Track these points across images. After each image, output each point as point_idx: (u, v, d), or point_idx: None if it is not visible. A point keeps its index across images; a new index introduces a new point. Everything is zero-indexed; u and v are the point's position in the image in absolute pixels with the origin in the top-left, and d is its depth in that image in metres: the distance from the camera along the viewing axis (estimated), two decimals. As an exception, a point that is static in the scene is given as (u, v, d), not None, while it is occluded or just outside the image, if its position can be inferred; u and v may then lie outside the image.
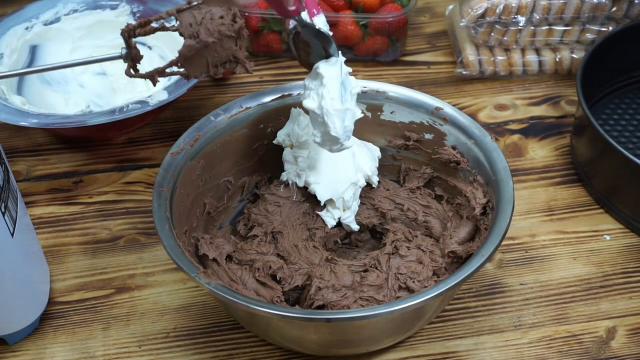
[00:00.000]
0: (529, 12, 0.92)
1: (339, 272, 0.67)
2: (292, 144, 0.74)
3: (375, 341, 0.65)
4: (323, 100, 0.66)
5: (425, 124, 0.73)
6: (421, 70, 1.00)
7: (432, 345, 0.69)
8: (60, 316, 0.72)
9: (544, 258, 0.76)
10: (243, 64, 0.64)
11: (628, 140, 0.87)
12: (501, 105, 0.94)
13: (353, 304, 0.65)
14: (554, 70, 0.97)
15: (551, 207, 0.81)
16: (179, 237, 0.63)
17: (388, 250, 0.69)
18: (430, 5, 1.10)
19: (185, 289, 0.74)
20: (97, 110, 0.83)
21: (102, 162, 0.87)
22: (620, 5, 0.92)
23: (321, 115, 0.66)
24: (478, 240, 0.67)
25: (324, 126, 0.66)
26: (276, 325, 0.62)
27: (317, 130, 0.68)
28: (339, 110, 0.65)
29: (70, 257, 0.77)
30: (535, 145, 0.89)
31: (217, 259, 0.68)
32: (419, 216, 0.73)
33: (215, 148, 0.72)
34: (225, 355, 0.69)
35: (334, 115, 0.65)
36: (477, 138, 0.69)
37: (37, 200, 0.83)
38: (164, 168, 0.67)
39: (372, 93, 0.74)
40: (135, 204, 0.82)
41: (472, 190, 0.70)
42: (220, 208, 0.74)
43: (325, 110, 0.65)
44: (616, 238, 0.78)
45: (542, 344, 0.69)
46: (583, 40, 0.95)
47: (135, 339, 0.70)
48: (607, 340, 0.69)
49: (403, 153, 0.76)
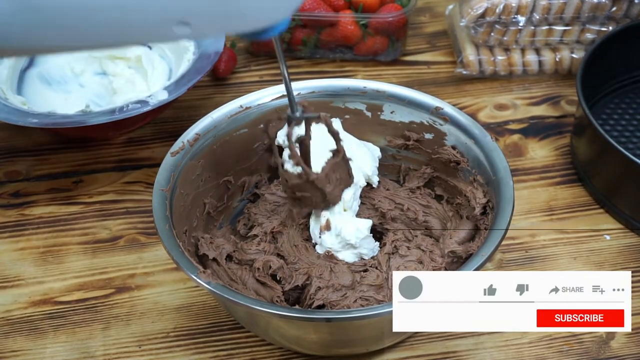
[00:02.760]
0: (529, 12, 0.92)
1: (339, 271, 0.67)
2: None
3: (375, 341, 0.65)
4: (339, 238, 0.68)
5: (425, 123, 0.73)
6: (421, 70, 1.00)
7: (432, 345, 0.69)
8: (60, 316, 0.72)
9: (544, 258, 0.76)
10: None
11: (628, 140, 0.87)
12: (501, 105, 0.94)
13: (353, 303, 0.65)
14: (554, 70, 0.97)
15: (551, 207, 0.81)
16: (178, 237, 0.63)
17: (388, 250, 0.69)
18: (430, 5, 1.10)
19: (185, 289, 0.74)
20: (97, 110, 0.83)
21: (102, 162, 0.87)
22: (620, 5, 0.92)
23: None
24: (478, 240, 0.67)
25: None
26: (276, 325, 0.62)
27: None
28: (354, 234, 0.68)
29: (70, 256, 0.77)
30: (535, 145, 0.89)
31: (217, 259, 0.68)
32: (419, 216, 0.73)
33: (215, 148, 0.72)
34: (225, 355, 0.69)
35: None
36: (477, 138, 0.69)
37: (37, 200, 0.83)
38: (163, 168, 0.67)
39: (372, 93, 0.74)
40: (135, 204, 0.82)
41: (472, 190, 0.70)
42: (220, 208, 0.74)
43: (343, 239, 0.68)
44: (616, 238, 0.78)
45: (542, 344, 0.69)
46: (583, 40, 0.95)
47: (135, 339, 0.70)
48: (607, 340, 0.69)
49: (403, 153, 0.76)
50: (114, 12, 0.45)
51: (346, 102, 0.75)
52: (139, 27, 0.46)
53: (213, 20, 0.47)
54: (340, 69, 1.00)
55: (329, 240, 0.68)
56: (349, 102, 0.75)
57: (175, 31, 0.46)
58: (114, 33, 0.47)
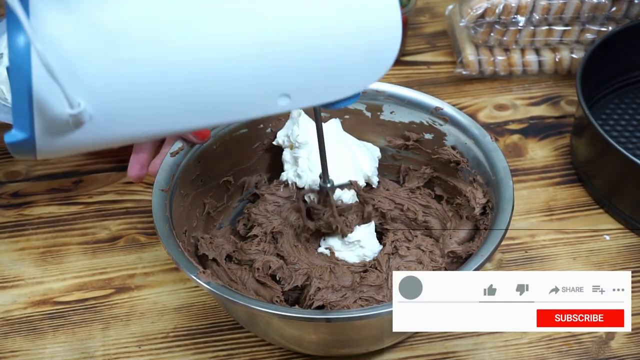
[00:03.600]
0: (529, 12, 0.92)
1: (339, 272, 0.67)
2: (292, 145, 0.73)
3: (375, 341, 0.65)
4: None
5: (425, 123, 0.73)
6: (421, 70, 1.00)
7: (431, 345, 0.69)
8: (60, 316, 0.72)
9: (543, 258, 0.76)
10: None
11: (628, 141, 0.87)
12: (501, 105, 0.94)
13: (353, 304, 0.65)
14: (553, 70, 0.97)
15: (551, 207, 0.81)
16: (178, 237, 0.63)
17: (388, 250, 0.69)
18: (430, 5, 1.10)
19: (185, 289, 0.74)
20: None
21: (102, 162, 0.87)
22: (620, 6, 0.92)
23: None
24: (478, 240, 0.67)
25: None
26: (276, 325, 0.62)
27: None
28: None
29: (70, 257, 0.77)
30: (535, 145, 0.89)
31: (216, 259, 0.68)
32: (419, 216, 0.73)
33: (215, 148, 0.72)
34: (225, 355, 0.69)
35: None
36: (477, 138, 0.69)
37: (37, 200, 0.83)
38: (163, 168, 0.67)
39: (372, 93, 0.74)
40: (135, 204, 0.82)
41: (472, 190, 0.70)
42: (220, 208, 0.74)
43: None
44: (616, 238, 0.78)
45: (542, 344, 0.69)
46: (583, 40, 0.95)
47: (135, 339, 0.70)
48: (607, 340, 0.69)
49: (403, 153, 0.76)
50: (228, 86, 0.46)
51: (346, 102, 0.75)
52: (246, 101, 0.48)
53: (311, 91, 0.49)
54: (340, 69, 1.00)
55: (332, 239, 0.69)
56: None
57: (277, 103, 0.48)
58: (221, 109, 0.48)
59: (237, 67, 0.46)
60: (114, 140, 0.48)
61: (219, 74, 0.46)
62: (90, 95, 0.43)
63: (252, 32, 0.46)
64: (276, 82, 0.47)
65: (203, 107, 0.47)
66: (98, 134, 0.45)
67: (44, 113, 0.42)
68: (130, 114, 0.45)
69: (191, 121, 0.48)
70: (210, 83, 0.46)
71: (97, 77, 0.43)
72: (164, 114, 0.46)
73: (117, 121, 0.45)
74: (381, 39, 0.48)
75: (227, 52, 0.46)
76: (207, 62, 0.45)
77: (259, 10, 0.46)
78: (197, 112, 0.47)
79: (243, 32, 0.46)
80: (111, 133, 0.46)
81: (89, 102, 0.43)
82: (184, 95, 0.46)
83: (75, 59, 0.42)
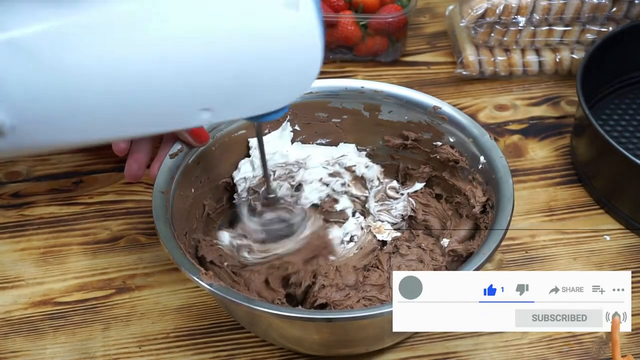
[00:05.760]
0: (529, 12, 0.92)
1: (344, 271, 0.67)
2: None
3: (376, 341, 0.65)
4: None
5: (424, 123, 0.73)
6: (421, 71, 1.00)
7: (432, 346, 0.69)
8: (61, 316, 0.72)
9: (544, 258, 0.76)
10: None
11: (628, 141, 0.87)
12: (501, 106, 0.94)
13: (356, 303, 0.65)
14: (554, 71, 0.97)
15: (551, 207, 0.81)
16: (179, 239, 0.63)
17: (388, 249, 0.69)
18: (430, 6, 1.10)
19: (185, 290, 0.74)
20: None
21: (102, 162, 0.87)
22: (620, 6, 0.92)
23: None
24: (478, 239, 0.67)
25: None
26: (278, 325, 0.62)
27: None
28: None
29: (70, 257, 0.77)
30: (535, 145, 0.89)
31: (214, 262, 0.68)
32: (418, 215, 0.73)
33: (214, 149, 0.72)
34: (226, 355, 0.69)
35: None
36: (475, 136, 0.69)
37: (37, 201, 0.83)
38: (163, 170, 0.67)
39: (370, 93, 0.74)
40: (136, 204, 0.82)
41: (472, 189, 0.70)
42: (219, 209, 0.74)
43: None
44: (616, 238, 0.78)
45: (542, 344, 0.69)
46: (583, 40, 0.95)
47: (136, 340, 0.70)
48: (607, 341, 0.69)
49: (401, 153, 0.76)
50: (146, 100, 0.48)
51: (344, 102, 0.75)
52: (165, 115, 0.49)
53: (233, 105, 0.50)
54: (341, 70, 1.00)
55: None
56: (346, 102, 0.75)
57: (198, 117, 0.49)
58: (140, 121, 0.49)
59: (154, 81, 0.47)
60: (40, 147, 0.51)
61: (134, 87, 0.47)
62: (9, 107, 0.45)
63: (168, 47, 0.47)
64: (196, 96, 0.49)
65: (120, 119, 0.48)
66: (23, 142, 0.48)
67: None
68: (51, 125, 0.48)
69: (110, 131, 0.50)
70: (126, 96, 0.47)
71: (14, 91, 0.45)
72: (85, 124, 0.48)
73: (40, 131, 0.48)
74: (301, 54, 0.49)
75: (142, 64, 0.47)
76: (122, 77, 0.47)
77: (174, 26, 0.47)
78: (114, 123, 0.49)
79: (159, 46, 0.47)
80: (36, 141, 0.48)
81: (10, 114, 0.45)
82: (101, 107, 0.47)
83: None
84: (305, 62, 0.49)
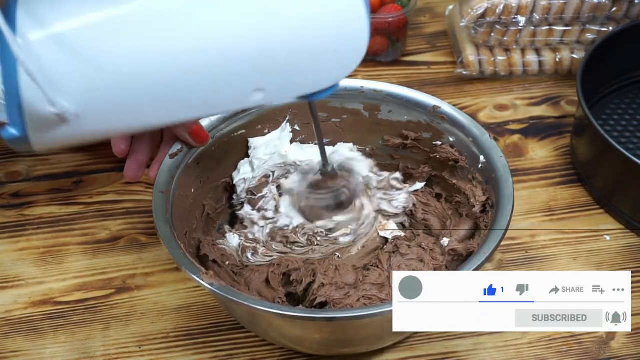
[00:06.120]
0: (529, 12, 0.92)
1: (343, 270, 0.67)
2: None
3: (376, 340, 0.65)
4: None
5: (423, 122, 0.73)
6: (421, 71, 1.00)
7: (432, 345, 0.69)
8: (60, 316, 0.72)
9: (543, 258, 0.76)
10: None
11: (628, 141, 0.87)
12: (501, 106, 0.94)
13: (356, 302, 0.65)
14: (554, 71, 0.97)
15: (551, 207, 0.81)
16: (179, 239, 0.63)
17: (388, 248, 0.69)
18: (431, 6, 1.10)
19: (185, 289, 0.74)
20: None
21: (102, 162, 0.87)
22: (620, 6, 0.92)
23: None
24: (478, 238, 0.67)
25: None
26: (278, 325, 0.62)
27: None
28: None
29: (70, 257, 0.77)
30: (535, 145, 0.89)
31: (218, 261, 0.68)
32: (418, 214, 0.73)
33: (214, 149, 0.72)
34: (225, 355, 0.69)
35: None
36: (475, 136, 0.69)
37: (37, 200, 0.83)
38: (163, 170, 0.67)
39: (370, 92, 0.74)
40: (135, 204, 0.82)
41: (472, 188, 0.70)
42: (219, 209, 0.74)
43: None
44: (616, 238, 0.78)
45: (542, 344, 0.69)
46: (583, 40, 0.95)
47: (135, 339, 0.70)
48: (607, 341, 0.69)
49: (401, 152, 0.76)
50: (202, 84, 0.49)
51: (344, 102, 0.75)
52: (220, 97, 0.51)
53: (285, 85, 0.51)
54: (341, 70, 1.00)
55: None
56: (346, 102, 0.75)
57: (251, 98, 0.51)
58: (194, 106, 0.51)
59: (208, 66, 0.49)
60: (102, 133, 0.53)
61: (190, 70, 0.48)
62: (71, 95, 0.47)
63: (222, 27, 0.48)
64: (250, 77, 0.50)
65: (176, 102, 0.50)
66: (86, 128, 0.49)
67: (31, 112, 0.47)
68: (113, 111, 0.49)
69: (167, 116, 0.51)
70: (182, 79, 0.49)
71: (74, 80, 0.47)
72: (144, 110, 0.50)
73: (102, 117, 0.49)
74: (350, 31, 0.50)
75: (196, 51, 0.48)
76: (178, 60, 0.48)
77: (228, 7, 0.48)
78: (171, 107, 0.50)
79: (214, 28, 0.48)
80: (98, 127, 0.50)
81: (71, 101, 0.47)
82: (158, 92, 0.49)
83: (52, 65, 0.46)
84: (354, 38, 0.51)
